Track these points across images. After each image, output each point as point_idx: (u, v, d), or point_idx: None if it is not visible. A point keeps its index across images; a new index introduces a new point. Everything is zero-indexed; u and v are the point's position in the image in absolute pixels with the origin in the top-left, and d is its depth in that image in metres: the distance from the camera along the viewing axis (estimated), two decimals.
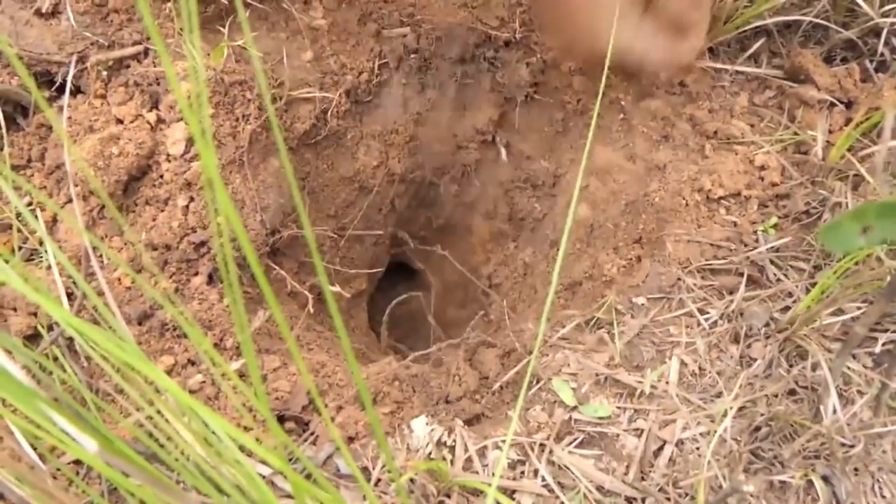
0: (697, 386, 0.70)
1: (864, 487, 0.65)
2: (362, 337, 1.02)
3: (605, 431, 0.67)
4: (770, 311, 0.73)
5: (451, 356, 0.77)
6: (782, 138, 0.87)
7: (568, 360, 0.72)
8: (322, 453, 0.62)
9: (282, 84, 0.83)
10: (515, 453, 0.64)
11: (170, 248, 0.69)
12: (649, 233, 0.85)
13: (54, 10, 0.77)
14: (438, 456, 0.62)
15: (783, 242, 0.78)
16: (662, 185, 0.87)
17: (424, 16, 0.95)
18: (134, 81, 0.74)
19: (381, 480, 0.61)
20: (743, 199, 0.84)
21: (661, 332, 0.74)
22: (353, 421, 0.65)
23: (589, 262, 0.92)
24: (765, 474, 0.64)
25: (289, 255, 0.84)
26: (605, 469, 0.64)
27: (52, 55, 0.74)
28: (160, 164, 0.71)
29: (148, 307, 0.66)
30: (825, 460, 0.64)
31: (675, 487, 0.63)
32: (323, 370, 0.71)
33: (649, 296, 0.77)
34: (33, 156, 0.73)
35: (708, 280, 0.77)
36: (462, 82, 1.01)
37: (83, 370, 0.63)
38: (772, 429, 0.65)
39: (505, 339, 0.80)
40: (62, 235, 0.69)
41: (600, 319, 0.76)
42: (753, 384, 0.68)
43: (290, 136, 0.84)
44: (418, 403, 0.69)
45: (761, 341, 0.71)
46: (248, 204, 0.75)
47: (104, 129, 0.71)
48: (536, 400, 0.69)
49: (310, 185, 0.89)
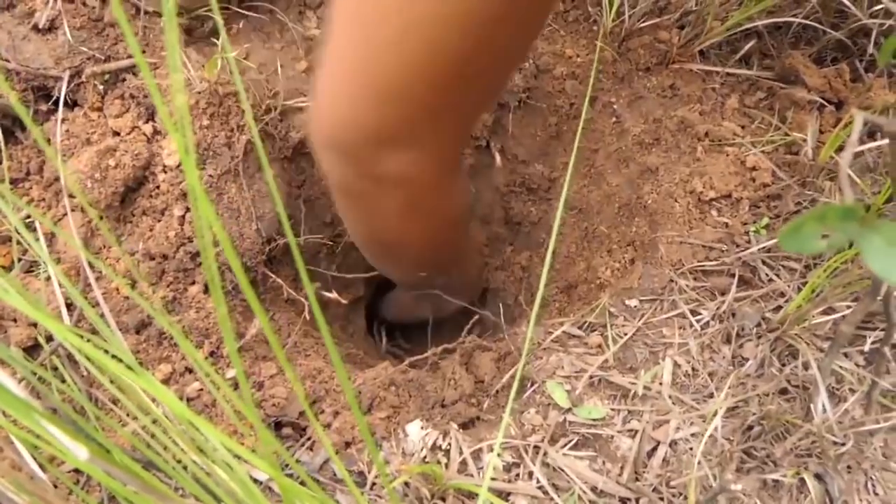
0: (690, 386, 0.70)
1: (857, 485, 0.65)
2: (361, 343, 1.02)
3: (600, 433, 0.67)
4: (762, 311, 0.74)
5: (447, 360, 0.78)
6: (773, 139, 0.88)
7: (562, 363, 0.72)
8: (318, 458, 0.63)
9: (277, 94, 0.84)
10: (510, 456, 0.65)
11: (167, 258, 0.70)
12: (642, 235, 0.86)
13: (51, 26, 0.78)
14: (433, 459, 0.63)
15: (774, 243, 0.79)
16: (655, 188, 0.88)
17: None
18: (130, 94, 0.75)
19: (376, 484, 0.62)
20: (734, 200, 0.84)
21: (654, 333, 0.74)
22: (350, 426, 0.66)
23: (583, 265, 0.93)
24: (757, 473, 0.64)
25: (286, 263, 0.84)
26: (599, 470, 0.65)
27: (48, 69, 0.76)
28: (156, 175, 0.72)
29: (146, 316, 0.67)
30: (817, 458, 0.65)
31: (669, 487, 0.63)
32: (320, 376, 0.72)
33: (642, 298, 0.78)
34: (32, 169, 0.74)
35: (700, 281, 0.78)
36: None
37: (82, 380, 0.64)
38: (764, 428, 0.66)
39: (500, 343, 0.80)
40: (61, 247, 0.70)
41: (594, 322, 0.77)
42: (745, 384, 0.69)
43: (286, 146, 0.85)
44: (414, 408, 0.70)
45: (753, 341, 0.72)
46: (244, 213, 0.76)
47: (101, 141, 0.72)
48: (531, 402, 0.69)
49: (305, 194, 0.90)
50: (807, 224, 0.24)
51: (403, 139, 0.60)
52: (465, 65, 0.55)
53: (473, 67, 0.55)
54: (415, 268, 0.83)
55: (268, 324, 0.32)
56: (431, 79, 0.55)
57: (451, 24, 0.51)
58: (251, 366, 0.69)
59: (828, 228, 0.24)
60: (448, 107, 0.60)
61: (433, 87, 0.56)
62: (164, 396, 0.30)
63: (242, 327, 0.72)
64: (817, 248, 0.25)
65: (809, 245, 0.24)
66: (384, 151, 0.61)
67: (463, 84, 0.57)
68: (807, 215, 0.24)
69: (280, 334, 0.77)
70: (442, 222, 0.75)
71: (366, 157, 0.61)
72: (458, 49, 0.53)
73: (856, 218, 0.24)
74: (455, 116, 0.63)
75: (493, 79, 0.62)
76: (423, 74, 0.55)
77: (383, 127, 0.59)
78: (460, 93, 0.59)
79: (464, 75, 0.56)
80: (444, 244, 0.81)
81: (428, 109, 0.59)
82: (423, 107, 0.58)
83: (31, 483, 0.49)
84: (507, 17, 0.52)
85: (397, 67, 0.54)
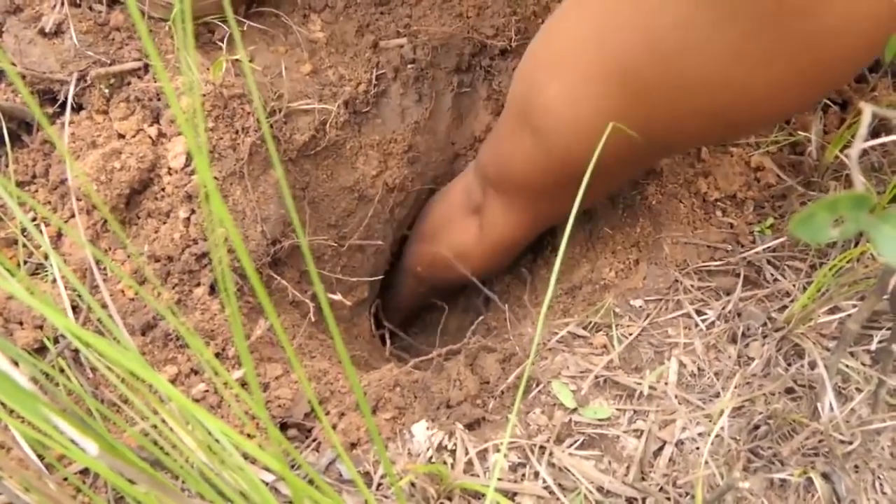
0: (696, 386, 0.70)
1: (865, 484, 0.65)
2: (365, 345, 1.02)
3: (605, 433, 0.67)
4: (768, 310, 0.74)
5: (452, 361, 0.78)
6: (777, 140, 0.88)
7: (567, 363, 0.72)
8: (324, 459, 0.63)
9: (281, 96, 0.84)
10: (516, 456, 0.65)
11: (172, 260, 0.70)
12: (647, 236, 0.86)
13: (57, 30, 0.79)
14: (439, 460, 0.63)
15: (779, 242, 0.79)
16: (659, 189, 0.88)
17: (420, 26, 0.96)
18: (135, 97, 0.76)
19: (381, 485, 0.62)
20: (739, 200, 0.84)
21: (660, 333, 0.74)
22: (356, 427, 0.66)
23: (588, 267, 0.93)
24: (764, 472, 0.64)
25: (290, 265, 0.85)
26: (605, 470, 0.65)
27: (55, 73, 0.76)
28: (161, 178, 0.72)
29: (151, 318, 0.67)
30: (824, 458, 0.64)
31: (675, 487, 0.63)
32: (325, 377, 0.72)
33: (647, 298, 0.77)
34: (38, 172, 0.74)
35: (705, 281, 0.78)
36: (459, 91, 1.02)
37: (88, 381, 0.64)
38: (770, 427, 0.65)
39: (505, 344, 0.80)
40: (67, 249, 0.70)
41: (599, 322, 0.77)
42: (752, 383, 0.69)
43: (290, 148, 0.85)
44: (419, 409, 0.70)
45: (759, 341, 0.72)
46: (249, 215, 0.76)
47: (106, 144, 0.72)
48: (536, 403, 0.69)
49: (310, 196, 0.90)
50: (818, 212, 0.24)
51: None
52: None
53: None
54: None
55: (277, 321, 0.32)
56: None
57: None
58: (256, 367, 0.69)
59: (839, 217, 0.24)
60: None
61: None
62: (173, 394, 0.30)
63: (247, 329, 0.72)
64: (828, 237, 0.25)
65: (821, 233, 0.24)
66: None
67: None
68: (818, 203, 0.24)
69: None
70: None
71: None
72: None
73: (867, 206, 0.24)
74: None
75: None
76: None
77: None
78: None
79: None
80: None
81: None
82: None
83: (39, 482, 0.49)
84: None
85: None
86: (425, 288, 1.13)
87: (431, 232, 1.04)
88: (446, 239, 1.00)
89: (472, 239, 0.96)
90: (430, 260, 1.05)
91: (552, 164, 0.75)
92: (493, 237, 0.93)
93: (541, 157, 0.75)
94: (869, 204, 0.24)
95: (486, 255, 0.96)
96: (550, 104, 0.68)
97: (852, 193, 0.24)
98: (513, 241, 0.93)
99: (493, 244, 0.94)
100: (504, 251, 0.95)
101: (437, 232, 1.02)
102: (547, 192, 0.81)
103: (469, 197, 0.96)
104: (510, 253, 0.97)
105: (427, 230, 1.05)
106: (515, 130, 0.77)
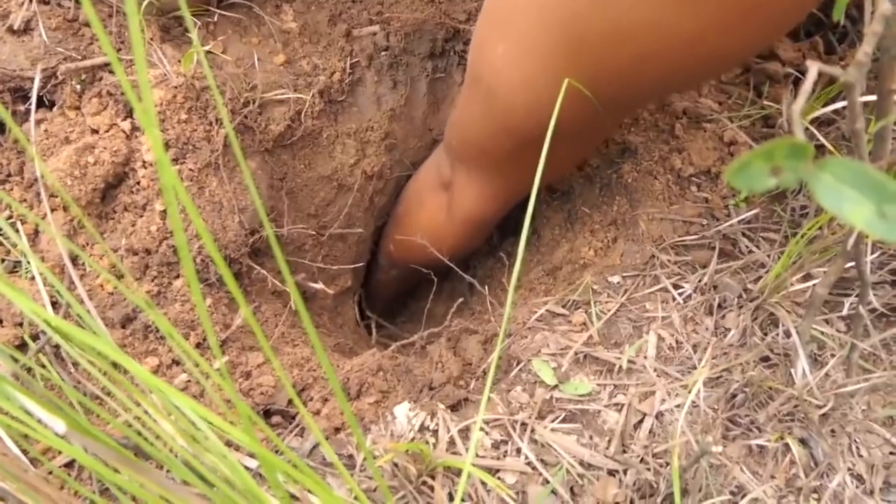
0: (675, 359, 0.71)
1: (842, 447, 0.66)
2: (350, 333, 1.03)
3: (587, 408, 0.68)
4: (743, 281, 0.75)
5: (434, 345, 0.79)
6: (749, 114, 0.89)
7: (547, 341, 0.73)
8: (307, 444, 0.64)
9: (255, 87, 0.84)
10: (498, 434, 0.66)
11: (150, 253, 0.71)
12: (623, 214, 0.86)
13: (26, 27, 0.78)
14: (421, 440, 0.64)
15: (753, 214, 0.80)
16: (634, 167, 0.88)
17: (393, 13, 0.96)
18: (107, 91, 0.75)
19: (365, 467, 0.62)
20: (713, 175, 0.85)
21: (638, 308, 0.75)
22: (339, 411, 0.67)
23: (567, 247, 0.93)
24: (742, 440, 0.65)
25: (270, 255, 0.85)
26: (586, 444, 0.66)
27: (25, 71, 0.76)
28: (136, 171, 0.72)
29: (131, 310, 0.67)
30: (800, 423, 0.66)
31: (655, 458, 0.64)
32: (308, 364, 0.72)
33: (625, 274, 0.78)
34: (12, 170, 0.74)
35: (681, 255, 0.79)
36: (434, 77, 1.03)
37: (70, 377, 0.64)
38: (747, 395, 0.67)
39: (487, 326, 0.81)
40: (44, 246, 0.70)
41: (578, 300, 0.78)
42: (728, 353, 0.70)
43: (266, 138, 0.86)
44: (402, 392, 0.70)
45: (735, 311, 0.73)
46: (226, 206, 0.76)
47: (79, 139, 0.72)
48: (517, 381, 0.70)
49: (288, 186, 0.90)
50: (754, 161, 0.24)
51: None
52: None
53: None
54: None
55: (249, 312, 0.33)
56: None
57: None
58: (238, 355, 0.70)
59: (776, 166, 0.24)
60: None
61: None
62: (154, 383, 0.31)
63: (228, 318, 0.72)
64: (765, 186, 0.25)
65: (757, 182, 0.24)
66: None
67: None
68: (754, 151, 0.24)
69: (267, 325, 0.77)
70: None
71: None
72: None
73: (805, 156, 0.25)
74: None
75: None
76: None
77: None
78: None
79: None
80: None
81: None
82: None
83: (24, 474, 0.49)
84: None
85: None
86: (398, 271, 1.14)
87: (404, 211, 1.04)
88: (418, 217, 1.01)
89: (443, 216, 0.97)
90: (401, 240, 1.05)
91: (502, 126, 0.75)
92: (462, 213, 0.93)
93: (490, 118, 0.75)
94: (807, 153, 0.24)
95: (458, 232, 0.96)
96: (497, 63, 0.69)
97: (789, 140, 0.25)
98: (482, 217, 0.94)
99: (462, 220, 0.94)
100: (474, 227, 0.96)
101: (409, 211, 1.03)
102: (507, 161, 0.81)
103: (439, 173, 0.96)
104: (480, 229, 0.98)
105: (400, 210, 1.06)
106: (470, 97, 0.78)
